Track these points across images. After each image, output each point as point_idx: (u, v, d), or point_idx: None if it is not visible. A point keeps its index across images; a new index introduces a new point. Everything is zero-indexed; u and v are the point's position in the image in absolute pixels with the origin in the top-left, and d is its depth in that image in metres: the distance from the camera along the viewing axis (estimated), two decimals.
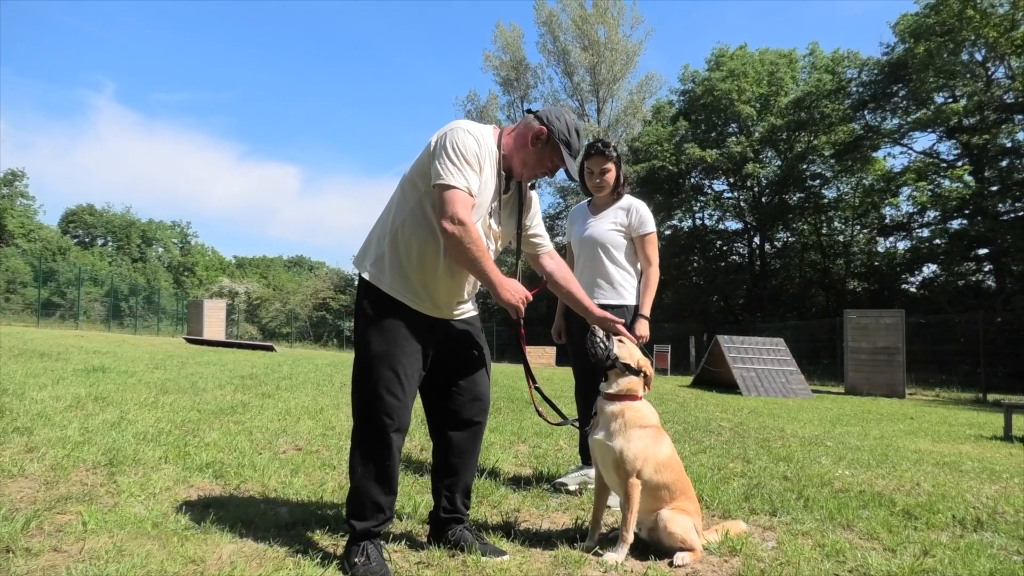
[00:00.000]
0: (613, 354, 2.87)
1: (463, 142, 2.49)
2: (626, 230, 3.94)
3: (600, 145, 3.92)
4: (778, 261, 36.21)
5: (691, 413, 8.89)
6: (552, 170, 2.77)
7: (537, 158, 2.70)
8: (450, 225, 2.41)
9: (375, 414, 2.49)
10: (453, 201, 2.42)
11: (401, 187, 2.65)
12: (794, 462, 5.24)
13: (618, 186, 3.99)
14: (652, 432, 2.86)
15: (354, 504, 2.52)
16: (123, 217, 64.47)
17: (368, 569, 2.39)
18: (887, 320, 16.37)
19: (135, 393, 6.35)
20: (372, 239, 2.68)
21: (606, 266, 3.93)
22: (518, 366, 21.86)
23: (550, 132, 2.66)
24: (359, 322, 2.60)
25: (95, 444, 4.07)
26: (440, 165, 2.45)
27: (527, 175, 2.76)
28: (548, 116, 2.69)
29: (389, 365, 2.50)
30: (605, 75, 40.62)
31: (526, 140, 2.68)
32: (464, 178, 2.46)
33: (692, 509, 2.88)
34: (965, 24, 23.48)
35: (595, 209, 4.07)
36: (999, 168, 26.17)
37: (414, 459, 4.49)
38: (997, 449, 6.94)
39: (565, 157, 2.68)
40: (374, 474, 2.51)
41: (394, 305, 2.55)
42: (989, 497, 4.31)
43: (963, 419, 10.30)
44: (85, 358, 9.75)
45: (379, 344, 2.52)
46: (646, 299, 3.89)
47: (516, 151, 2.70)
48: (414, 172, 2.59)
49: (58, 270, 38.41)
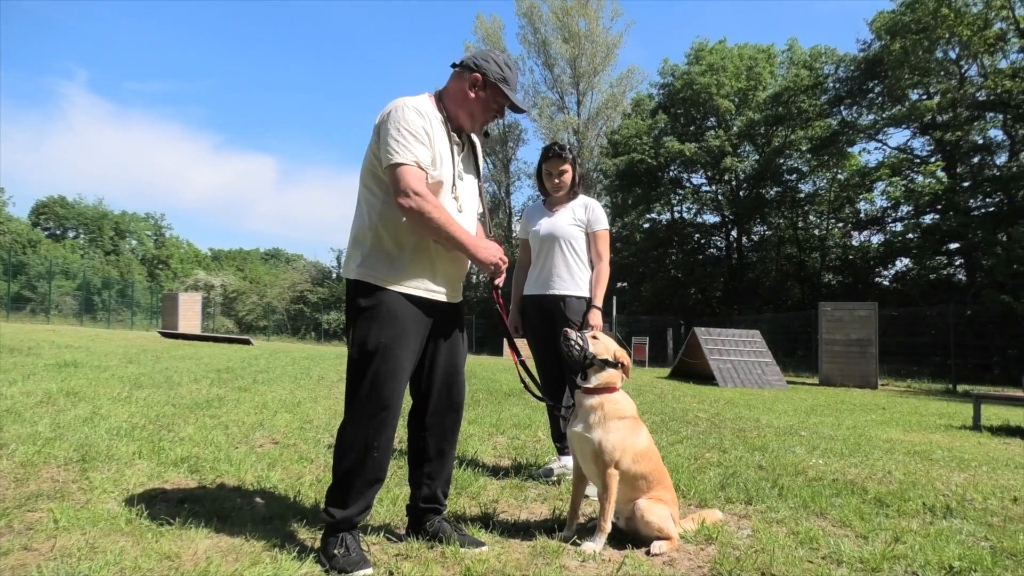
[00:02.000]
0: (590, 352, 2.89)
1: (405, 118, 2.47)
2: (584, 226, 4.13)
3: (557, 148, 4.13)
4: (755, 254, 36.58)
5: (668, 404, 8.96)
6: (499, 111, 2.76)
7: (482, 105, 2.69)
8: (405, 200, 2.41)
9: (373, 406, 2.47)
10: (403, 176, 2.41)
11: (364, 184, 2.61)
12: (769, 452, 5.32)
13: (574, 186, 4.19)
14: (630, 423, 2.89)
15: (337, 492, 2.49)
16: (95, 209, 63.40)
17: (348, 560, 2.37)
18: (861, 313, 16.62)
19: (108, 388, 6.25)
20: (351, 244, 2.64)
21: (567, 259, 4.09)
22: (497, 358, 21.88)
23: (485, 75, 2.65)
24: (354, 318, 2.56)
25: (67, 440, 4.01)
26: (386, 147, 2.45)
27: (477, 126, 2.77)
28: (476, 61, 2.67)
29: (386, 358, 2.49)
30: (585, 67, 40.70)
31: (465, 93, 2.67)
32: (411, 152, 2.44)
33: (669, 499, 2.91)
34: (940, 22, 23.80)
35: (551, 206, 4.23)
36: (971, 164, 26.67)
37: (395, 448, 4.48)
38: (966, 438, 7.08)
39: (507, 93, 2.69)
40: (364, 463, 2.48)
41: (390, 297, 2.53)
42: (958, 485, 4.40)
43: (933, 409, 10.51)
44: (56, 353, 9.59)
45: (376, 338, 2.49)
46: (598, 291, 4.06)
47: (459, 107, 2.68)
48: (373, 165, 2.56)
49: (28, 263, 37.71)
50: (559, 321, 3.97)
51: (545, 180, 4.19)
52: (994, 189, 24.84)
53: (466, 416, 6.26)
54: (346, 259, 2.67)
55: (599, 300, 4.04)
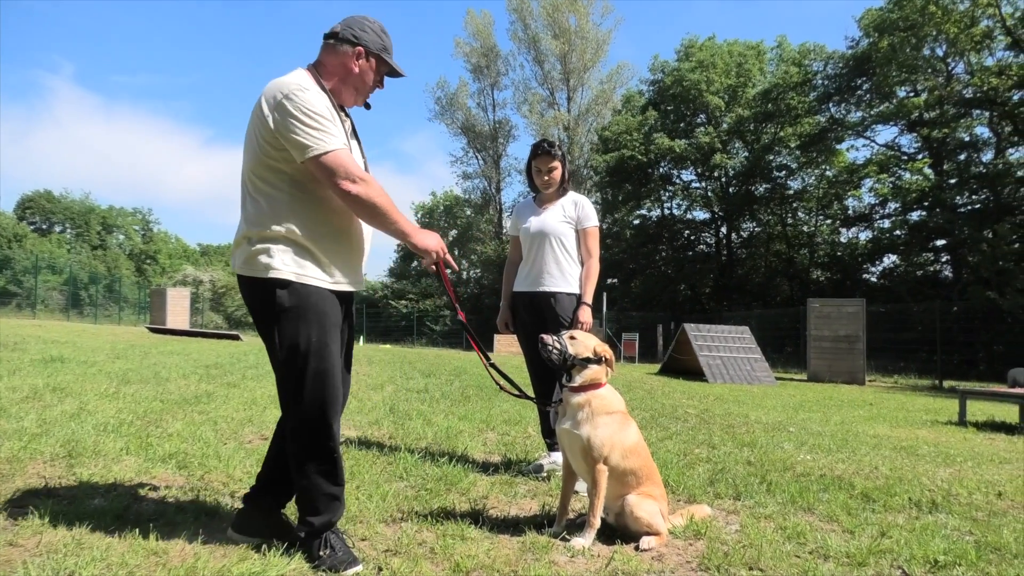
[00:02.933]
0: (569, 354, 2.90)
1: (308, 102, 2.31)
2: (574, 223, 4.15)
3: (546, 145, 4.14)
4: (744, 251, 36.74)
5: (658, 400, 9.00)
6: (380, 81, 2.66)
7: (366, 78, 2.58)
8: (352, 186, 2.30)
9: (319, 409, 2.38)
10: (341, 163, 2.30)
11: (259, 177, 2.41)
12: (758, 447, 5.35)
13: (563, 182, 4.20)
14: (619, 418, 2.90)
15: (307, 501, 2.43)
16: (82, 203, 62.81)
17: (335, 559, 2.35)
18: (848, 309, 16.73)
19: (95, 383, 6.21)
20: (255, 241, 2.40)
21: (557, 256, 4.11)
22: None
23: (367, 47, 2.54)
24: (276, 318, 2.37)
25: (53, 436, 3.98)
26: (301, 137, 2.28)
27: (361, 99, 2.66)
28: (353, 33, 2.53)
29: (322, 356, 2.38)
30: (576, 63, 40.72)
31: (348, 67, 2.53)
32: (334, 136, 2.33)
33: (658, 494, 2.93)
34: (927, 19, 23.96)
35: (541, 203, 4.24)
36: (957, 161, 26.88)
37: (385, 445, 4.47)
38: (952, 434, 7.15)
39: (390, 62, 2.61)
40: (324, 467, 2.42)
41: (315, 293, 2.40)
42: (944, 480, 4.45)
43: (920, 405, 10.60)
44: (43, 348, 9.50)
45: (307, 337, 2.36)
46: (587, 288, 4.08)
47: (342, 83, 2.55)
48: (266, 159, 2.37)
49: (14, 258, 37.33)
50: (549, 318, 4.01)
51: (535, 177, 4.21)
52: (980, 186, 25.08)
53: (456, 412, 6.27)
54: (248, 255, 2.40)
55: (589, 297, 4.06)
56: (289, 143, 2.30)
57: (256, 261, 2.39)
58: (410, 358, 14.56)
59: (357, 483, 3.48)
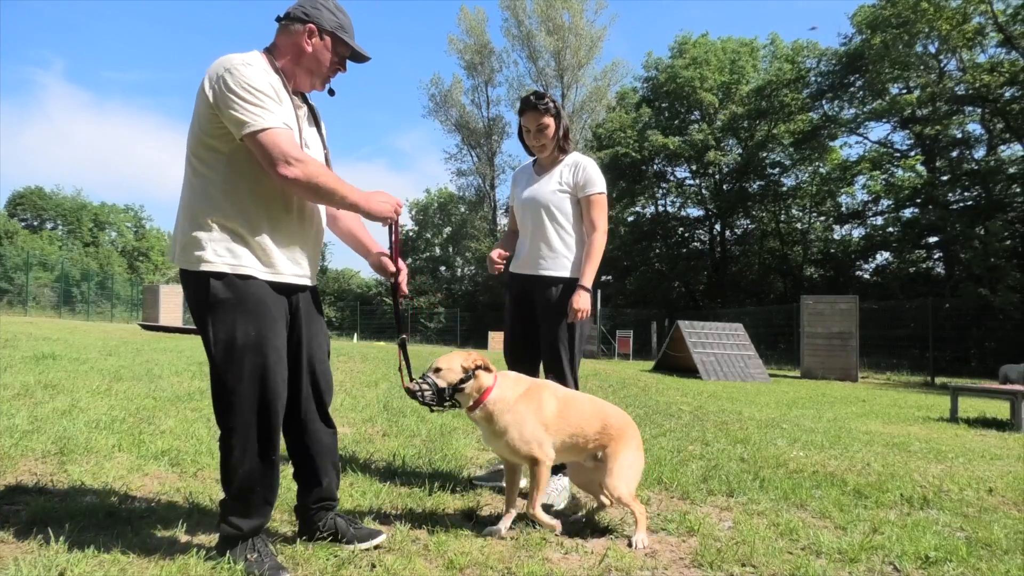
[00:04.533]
0: (442, 388, 2.67)
1: (249, 77, 2.19)
2: (572, 190, 3.56)
3: (533, 99, 3.51)
4: (738, 248, 36.86)
5: (652, 397, 9.01)
6: (341, 63, 2.51)
7: (320, 58, 2.44)
8: (288, 168, 2.16)
9: (261, 405, 2.27)
10: (276, 142, 2.16)
11: (197, 158, 2.29)
12: (751, 444, 5.36)
13: (560, 142, 3.57)
14: (521, 406, 2.78)
15: (237, 503, 2.30)
16: (74, 200, 62.40)
17: (262, 567, 2.23)
18: (842, 306, 16.79)
19: (87, 380, 6.17)
20: (186, 228, 2.29)
21: (549, 233, 3.55)
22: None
23: (319, 24, 2.39)
24: (213, 313, 2.24)
25: (45, 433, 3.95)
26: (239, 113, 2.15)
27: (319, 83, 2.51)
28: (305, 10, 2.39)
29: (261, 351, 2.25)
30: (570, 60, 40.63)
31: (300, 48, 2.40)
32: (272, 113, 2.20)
33: (622, 444, 2.92)
34: (920, 16, 24.03)
35: (540, 169, 3.68)
36: (949, 158, 27.03)
37: (378, 442, 4.47)
38: (944, 430, 7.19)
39: (347, 40, 2.46)
40: (262, 468, 2.30)
41: (252, 284, 2.27)
42: (935, 476, 4.47)
43: (912, 401, 10.66)
44: (34, 345, 9.44)
45: (245, 331, 2.23)
46: (587, 269, 3.49)
47: (295, 65, 2.42)
48: (204, 136, 2.26)
49: (4, 254, 37.05)
50: (539, 308, 3.56)
51: (525, 137, 3.63)
52: (972, 183, 25.22)
53: (448, 411, 6.25)
54: (183, 243, 2.28)
55: (588, 279, 3.48)
56: (227, 119, 2.18)
57: (190, 252, 2.27)
58: None
59: (351, 480, 3.48)
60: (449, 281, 48.92)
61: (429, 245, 52.43)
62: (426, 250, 51.84)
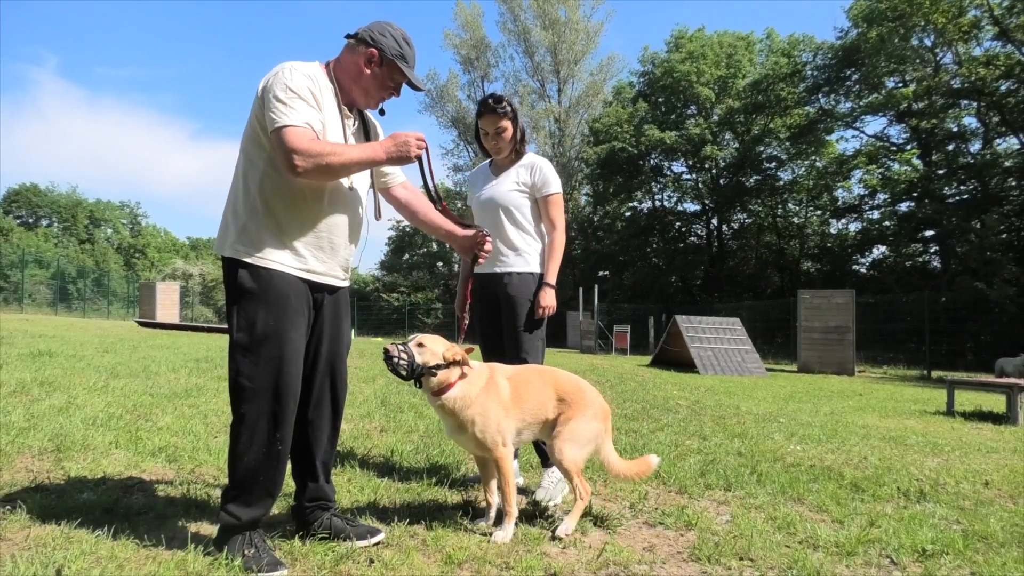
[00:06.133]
0: (417, 364, 2.66)
1: (291, 80, 2.31)
2: (529, 190, 3.61)
3: (491, 102, 3.55)
4: (735, 242, 36.86)
5: (650, 392, 9.02)
6: (396, 88, 2.61)
7: (377, 82, 2.54)
8: (297, 159, 2.22)
9: (274, 396, 2.32)
10: (288, 138, 2.22)
11: (245, 152, 2.43)
12: (748, 438, 5.37)
13: (516, 144, 3.64)
14: (481, 399, 2.77)
15: (239, 492, 2.32)
16: (69, 197, 62.24)
17: (259, 562, 2.24)
18: (838, 300, 16.82)
19: (84, 378, 6.16)
20: (228, 218, 2.43)
21: (508, 231, 3.57)
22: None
23: (382, 51, 2.50)
24: (238, 301, 2.35)
25: (41, 430, 3.95)
26: (272, 111, 2.26)
27: (372, 103, 2.62)
28: (372, 35, 2.50)
29: (281, 342, 2.33)
30: (566, 55, 40.57)
31: (360, 68, 2.51)
32: (299, 114, 2.28)
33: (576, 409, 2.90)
34: (915, 10, 23.99)
35: (496, 170, 3.72)
36: (945, 152, 27.02)
37: (376, 437, 4.46)
38: (940, 424, 7.22)
39: (405, 71, 2.55)
40: (267, 459, 2.33)
41: (278, 276, 2.35)
42: (932, 470, 4.48)
43: (908, 395, 10.69)
44: (30, 342, 9.42)
45: (265, 321, 2.32)
46: (550, 266, 3.56)
47: (353, 82, 2.53)
48: (256, 132, 2.38)
49: (0, 252, 36.94)
50: (503, 303, 3.54)
51: (483, 140, 3.67)
52: (968, 176, 25.19)
53: None
54: (222, 231, 2.43)
55: (552, 276, 3.54)
56: (264, 115, 2.30)
57: (224, 239, 2.41)
58: None
59: (348, 476, 3.48)
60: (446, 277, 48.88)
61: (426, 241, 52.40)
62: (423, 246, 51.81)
